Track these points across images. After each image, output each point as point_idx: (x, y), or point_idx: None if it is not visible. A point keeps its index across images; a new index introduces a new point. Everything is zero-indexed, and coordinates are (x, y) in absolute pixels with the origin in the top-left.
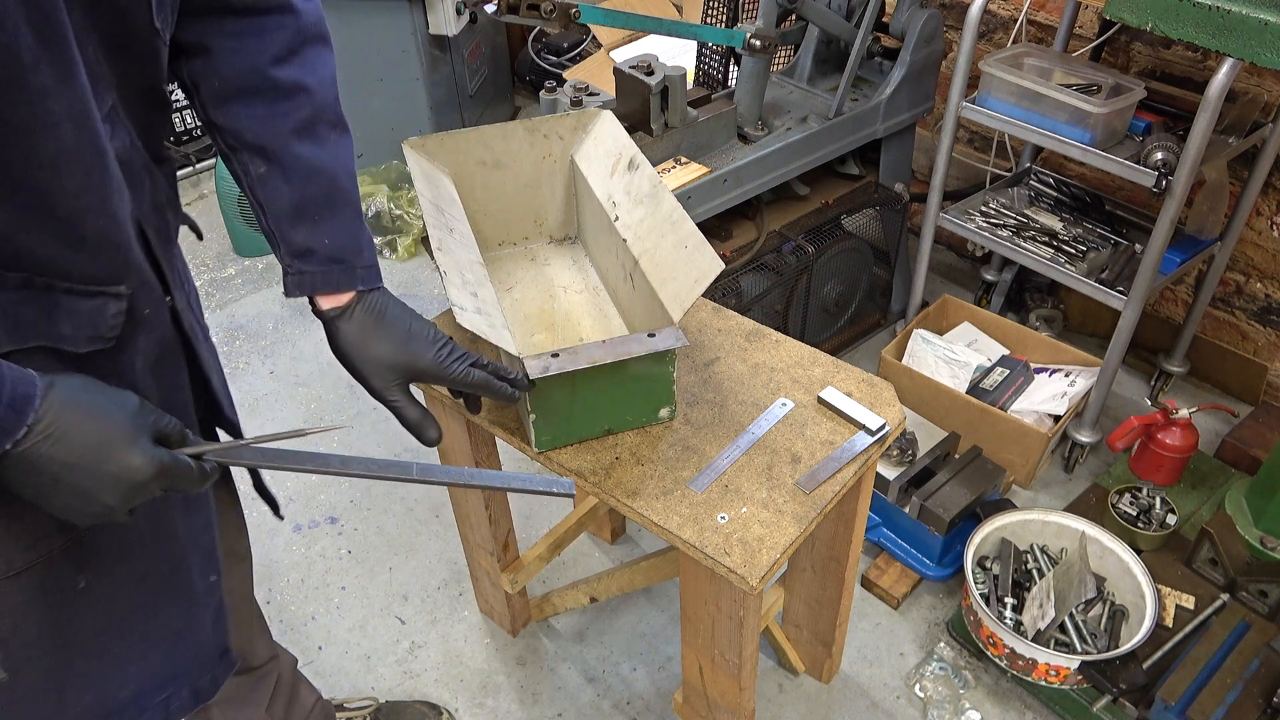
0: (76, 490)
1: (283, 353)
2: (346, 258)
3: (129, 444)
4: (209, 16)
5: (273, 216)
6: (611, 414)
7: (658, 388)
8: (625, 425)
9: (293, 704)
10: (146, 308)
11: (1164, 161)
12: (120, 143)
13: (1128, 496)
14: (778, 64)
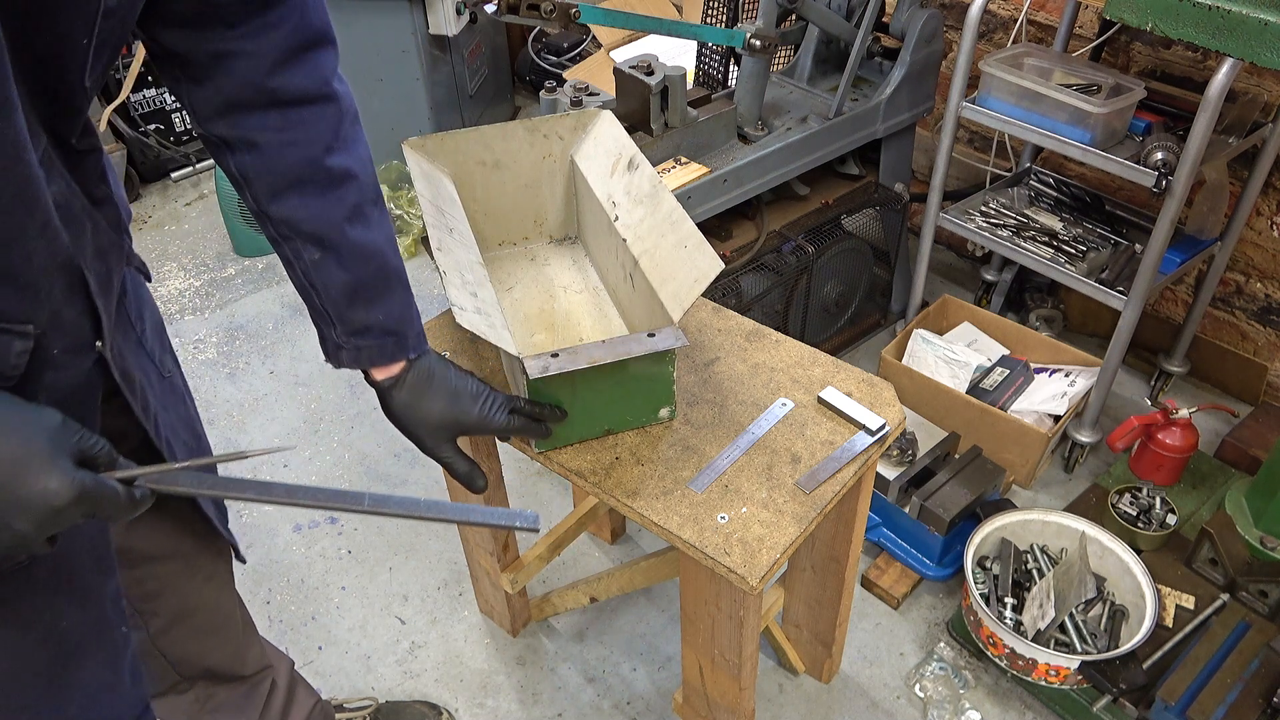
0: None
1: (283, 353)
2: (400, 329)
3: (45, 465)
4: (256, 111)
5: (329, 300)
6: (611, 414)
7: (658, 388)
8: (625, 425)
9: (289, 708)
10: (58, 348)
11: (1164, 161)
12: (57, 187)
13: (1128, 496)
14: (778, 64)
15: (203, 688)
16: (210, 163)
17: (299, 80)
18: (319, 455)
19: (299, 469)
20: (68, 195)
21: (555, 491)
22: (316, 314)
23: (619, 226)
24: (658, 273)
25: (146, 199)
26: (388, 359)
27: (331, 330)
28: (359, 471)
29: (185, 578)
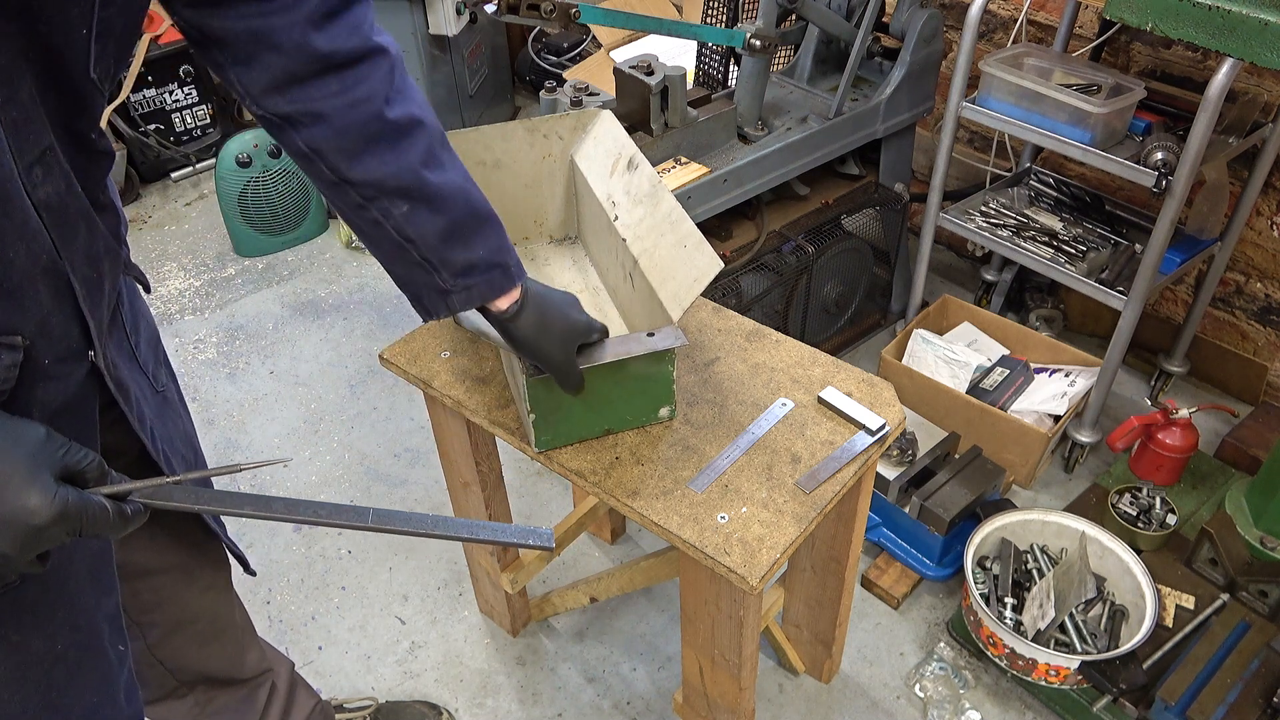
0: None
1: (283, 353)
2: (503, 260)
3: (25, 483)
4: (312, 80)
5: (429, 248)
6: (611, 413)
7: (657, 387)
8: (625, 425)
9: (290, 710)
10: (48, 358)
11: (1164, 161)
12: (53, 188)
13: (1128, 496)
14: (778, 64)
15: (202, 692)
16: (210, 163)
17: (344, 40)
18: (319, 455)
19: (299, 469)
20: (64, 197)
21: (555, 491)
22: (415, 266)
23: (618, 226)
24: (657, 272)
25: (146, 199)
26: (500, 290)
27: (435, 277)
28: (359, 471)
29: (184, 588)
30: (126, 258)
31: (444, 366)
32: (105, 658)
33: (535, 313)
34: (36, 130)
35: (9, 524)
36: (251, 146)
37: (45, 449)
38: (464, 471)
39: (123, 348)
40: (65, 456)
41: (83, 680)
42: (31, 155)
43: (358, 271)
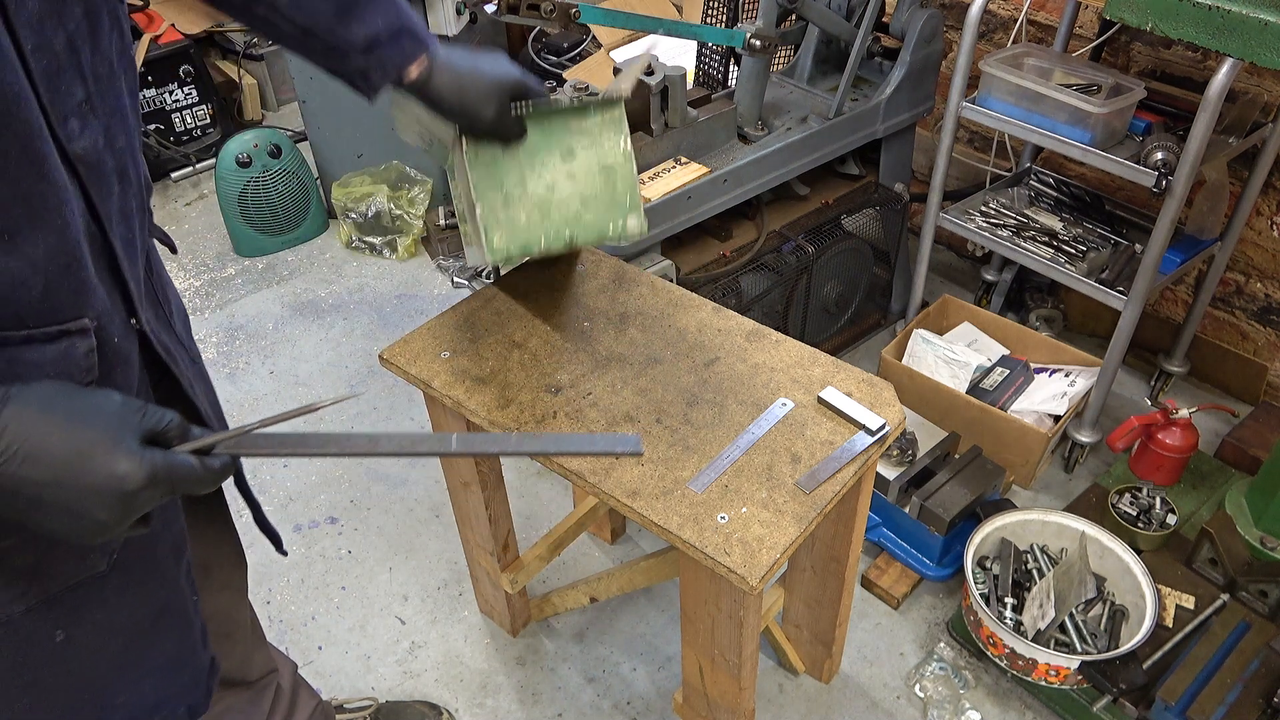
0: (63, 509)
1: (283, 353)
2: (404, 24)
3: (111, 450)
4: None
5: (326, 31)
6: (568, 212)
7: (614, 177)
8: (590, 233)
9: (293, 711)
10: (116, 336)
11: (1164, 161)
12: (90, 141)
13: (1128, 496)
14: (778, 64)
15: None
16: (210, 163)
17: None
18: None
19: (299, 469)
20: (100, 152)
21: (555, 491)
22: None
23: None
24: None
25: None
26: (411, 56)
27: (346, 62)
28: (359, 472)
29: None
30: (151, 218)
31: (444, 366)
32: (185, 613)
33: (450, 71)
34: (70, 81)
35: (103, 492)
36: (251, 146)
37: (125, 414)
38: (464, 471)
39: (159, 315)
40: (145, 419)
41: (163, 637)
42: (67, 107)
43: (358, 271)
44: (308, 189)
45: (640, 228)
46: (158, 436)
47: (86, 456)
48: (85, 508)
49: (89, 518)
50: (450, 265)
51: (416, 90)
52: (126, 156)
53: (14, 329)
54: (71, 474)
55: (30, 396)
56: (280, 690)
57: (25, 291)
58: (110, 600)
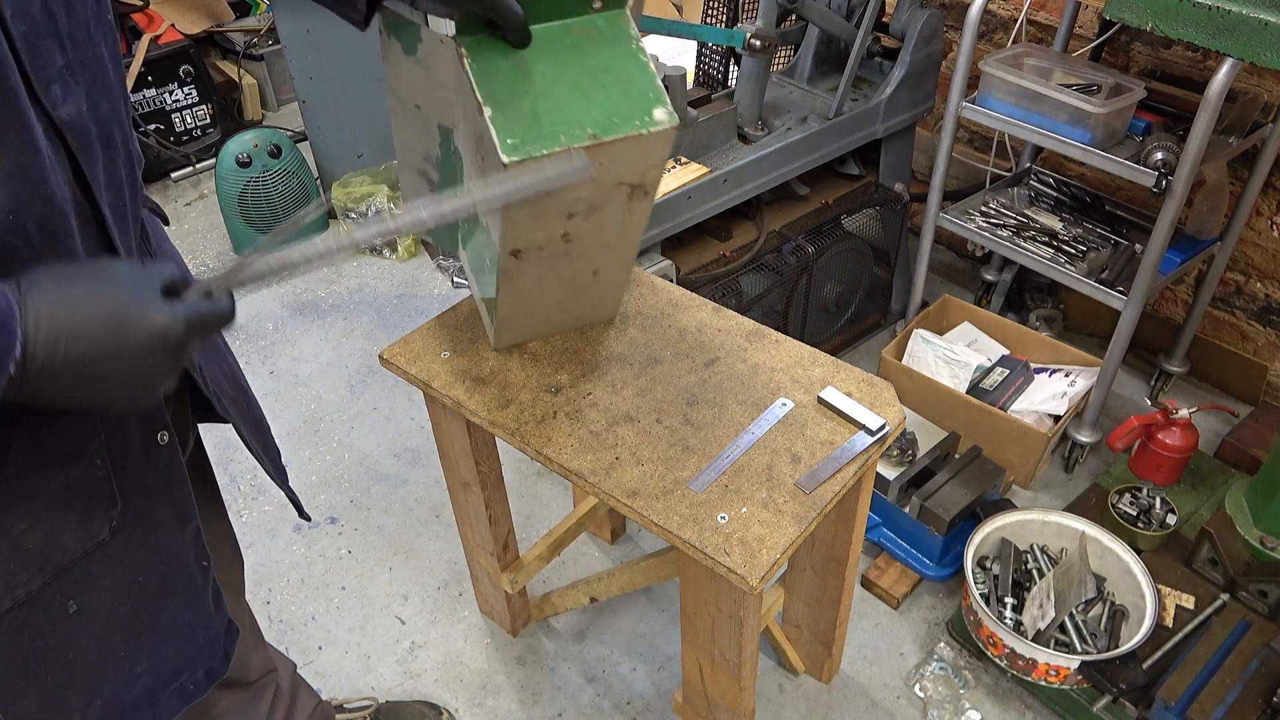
0: (118, 377)
1: (283, 353)
2: None
3: (144, 309)
4: None
5: None
6: (590, 112)
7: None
8: (615, 127)
9: (292, 711)
10: None
11: (1164, 161)
12: (74, 106)
13: (1128, 496)
14: (778, 64)
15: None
16: (210, 163)
17: None
18: (319, 455)
19: (299, 469)
20: (84, 118)
21: (555, 491)
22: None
23: None
24: None
25: None
26: None
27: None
28: (359, 471)
29: None
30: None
31: (444, 366)
32: (192, 580)
33: None
34: (49, 46)
35: (153, 348)
36: (251, 146)
37: (139, 275)
38: (464, 471)
39: None
40: (156, 274)
41: (171, 601)
42: (49, 72)
43: (358, 271)
44: (308, 189)
45: (669, 118)
46: (171, 289)
47: (124, 321)
48: (140, 368)
49: (146, 375)
50: (450, 265)
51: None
52: (111, 124)
53: None
54: (118, 341)
55: (43, 282)
56: (279, 690)
57: (21, 266)
58: (116, 566)
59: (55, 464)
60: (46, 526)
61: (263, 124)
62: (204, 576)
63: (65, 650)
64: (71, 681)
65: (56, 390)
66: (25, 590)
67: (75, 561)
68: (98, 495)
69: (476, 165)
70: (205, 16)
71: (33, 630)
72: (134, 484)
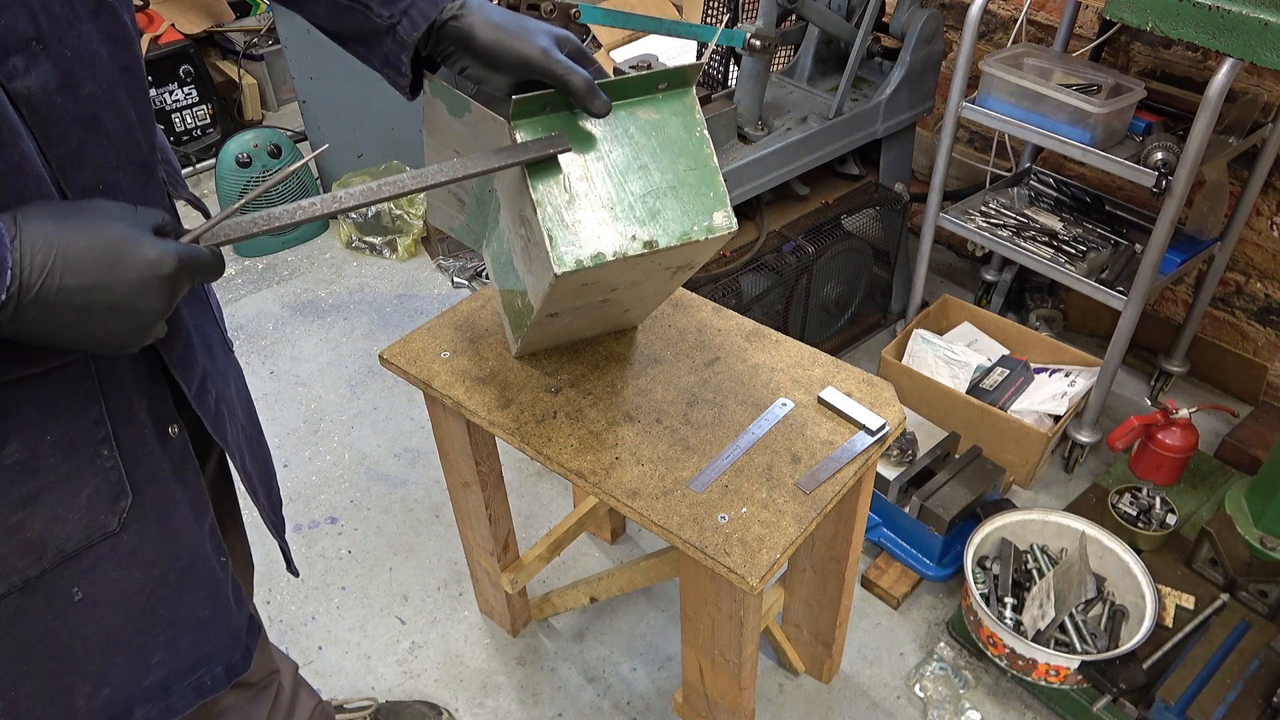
0: (111, 309)
1: (283, 353)
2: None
3: (136, 242)
4: None
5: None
6: (642, 210)
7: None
8: (670, 234)
9: (293, 711)
10: None
11: (1164, 161)
12: (36, 81)
13: (1128, 496)
14: (778, 64)
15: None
16: (211, 163)
17: None
18: (319, 455)
19: (299, 469)
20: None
21: (555, 491)
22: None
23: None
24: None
25: None
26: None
27: (371, 16)
28: (359, 471)
29: None
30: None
31: (444, 366)
32: (212, 573)
33: (490, 12)
34: (12, 15)
35: (147, 281)
36: (251, 146)
37: (129, 213)
38: (464, 471)
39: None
40: (147, 214)
41: (190, 595)
42: (7, 43)
43: (358, 271)
44: (308, 189)
45: (728, 223)
46: (160, 230)
47: (117, 253)
48: (133, 301)
49: (137, 309)
50: (450, 265)
51: (451, 35)
52: (100, 106)
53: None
54: (111, 272)
55: (38, 214)
56: (281, 690)
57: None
58: (127, 558)
59: (56, 454)
60: (46, 515)
61: (263, 124)
62: (224, 571)
63: (69, 637)
64: (75, 668)
65: (49, 323)
66: (22, 577)
67: (80, 550)
68: (105, 486)
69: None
70: (205, 16)
71: (32, 615)
72: (147, 476)
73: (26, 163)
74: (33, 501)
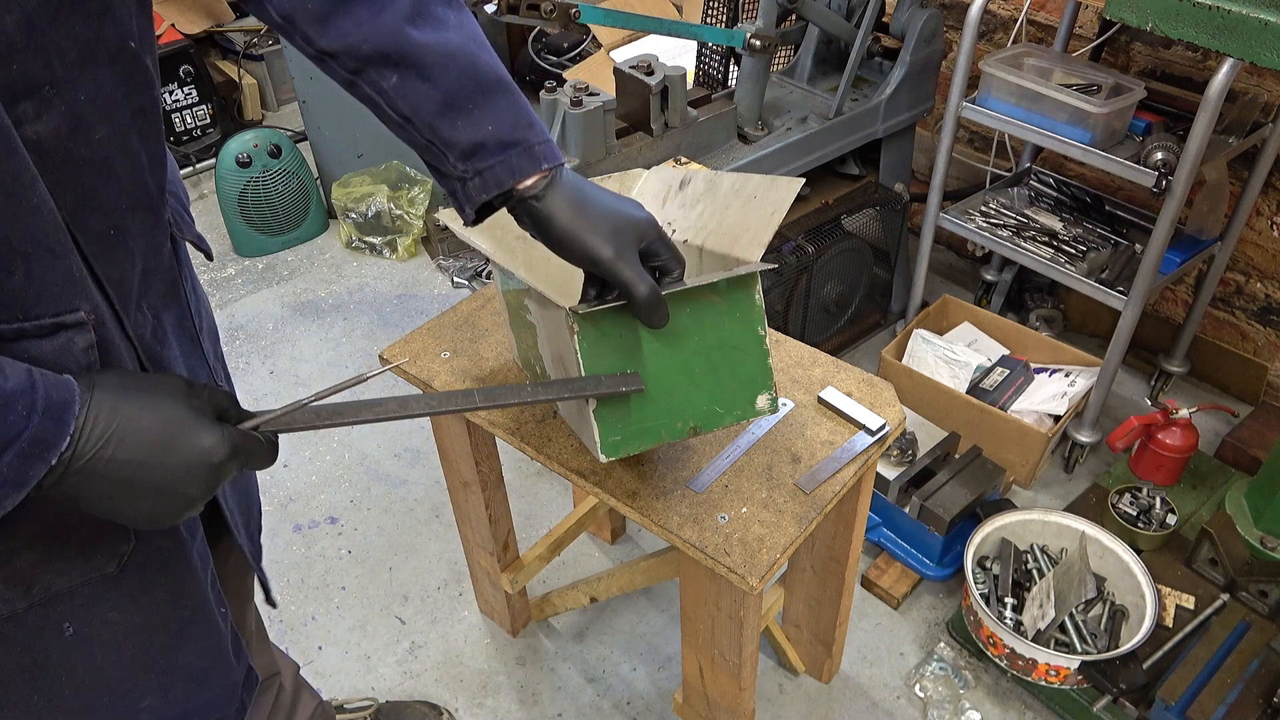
0: (153, 489)
1: (283, 353)
2: (519, 137)
3: (195, 427)
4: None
5: (426, 125)
6: (693, 399)
7: (745, 358)
8: (715, 419)
9: (294, 712)
10: (114, 336)
11: (1164, 161)
12: (47, 127)
13: (1128, 496)
14: (778, 64)
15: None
16: (210, 163)
17: None
18: (319, 455)
19: (299, 469)
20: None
21: (555, 491)
22: (426, 153)
23: (676, 238)
24: (728, 235)
25: None
26: (517, 173)
27: (447, 163)
28: (359, 471)
29: None
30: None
31: (444, 366)
32: (213, 623)
33: (572, 196)
34: (25, 61)
35: (194, 467)
36: (251, 146)
37: (194, 393)
38: (464, 471)
39: (184, 328)
40: (211, 397)
41: (189, 645)
42: (20, 88)
43: (358, 271)
44: (308, 189)
45: (770, 405)
46: (222, 414)
47: (174, 434)
48: (176, 485)
49: (178, 494)
50: (450, 265)
51: (525, 210)
52: (113, 150)
53: (5, 321)
54: (162, 452)
55: (109, 381)
56: (282, 691)
57: (7, 275)
58: (125, 601)
59: None
60: (41, 550)
61: (263, 124)
62: (224, 622)
63: (55, 670)
64: (59, 703)
65: (90, 492)
66: (9, 608)
67: (75, 588)
68: (105, 529)
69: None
70: (205, 16)
71: (17, 645)
72: None
73: (45, 205)
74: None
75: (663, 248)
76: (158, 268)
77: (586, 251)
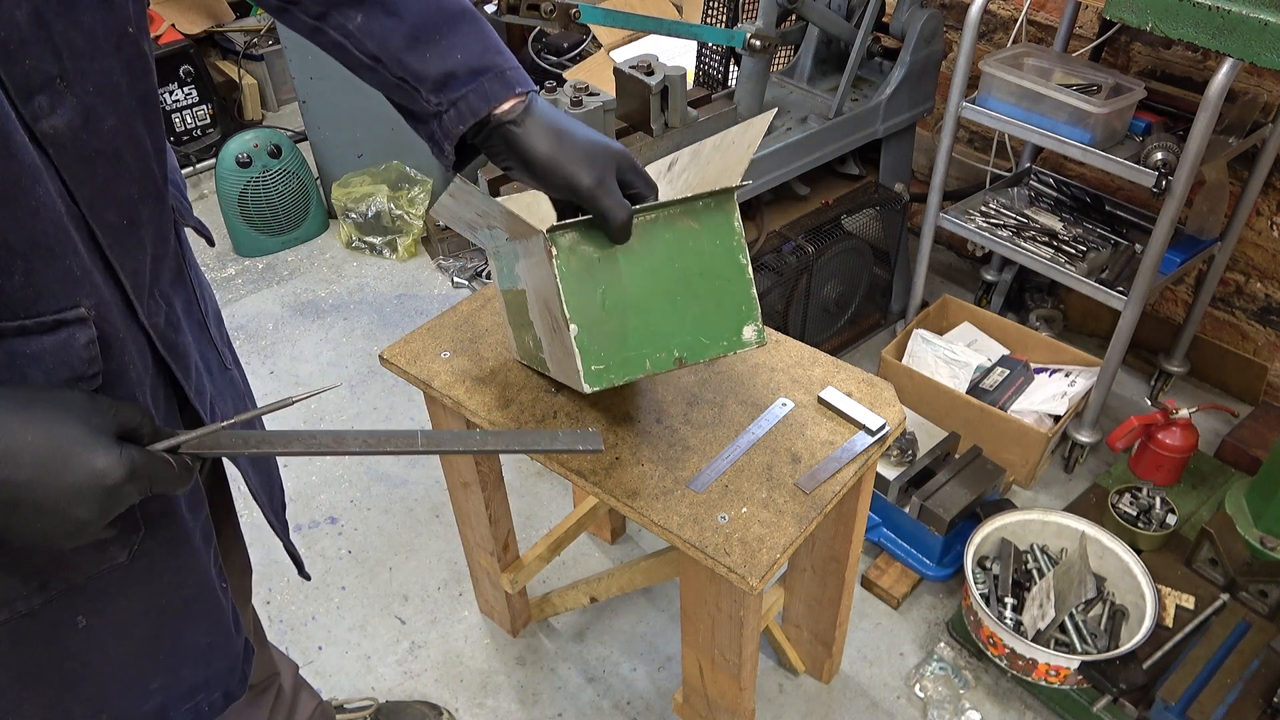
0: (41, 511)
1: (283, 353)
2: (489, 63)
3: (90, 446)
4: None
5: (395, 61)
6: (679, 330)
7: (730, 287)
8: (702, 350)
9: (293, 712)
10: (118, 329)
11: (1164, 161)
12: (63, 120)
13: (1128, 496)
14: (778, 64)
15: None
16: (210, 163)
17: None
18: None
19: (299, 469)
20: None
21: (555, 491)
22: (398, 92)
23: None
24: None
25: None
26: (492, 99)
27: (419, 99)
28: (359, 471)
29: None
30: (180, 206)
31: (444, 366)
32: (216, 600)
33: (549, 123)
34: (36, 55)
35: (83, 490)
36: (251, 146)
37: (97, 410)
38: (464, 471)
39: (191, 313)
40: (118, 415)
41: (196, 623)
42: (33, 83)
43: (358, 271)
44: (308, 189)
45: (757, 338)
46: (130, 434)
47: (65, 453)
48: (64, 507)
49: (68, 517)
50: (450, 265)
51: (503, 137)
52: (122, 139)
53: (6, 319)
54: (50, 472)
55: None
56: (281, 691)
57: (6, 277)
58: (135, 588)
59: None
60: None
61: (263, 124)
62: (225, 598)
63: (70, 663)
64: (75, 693)
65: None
66: (26, 605)
67: (88, 581)
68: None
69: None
70: (205, 16)
71: (35, 641)
72: (161, 509)
73: (45, 207)
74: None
75: (636, 177)
76: (165, 255)
77: (567, 179)
